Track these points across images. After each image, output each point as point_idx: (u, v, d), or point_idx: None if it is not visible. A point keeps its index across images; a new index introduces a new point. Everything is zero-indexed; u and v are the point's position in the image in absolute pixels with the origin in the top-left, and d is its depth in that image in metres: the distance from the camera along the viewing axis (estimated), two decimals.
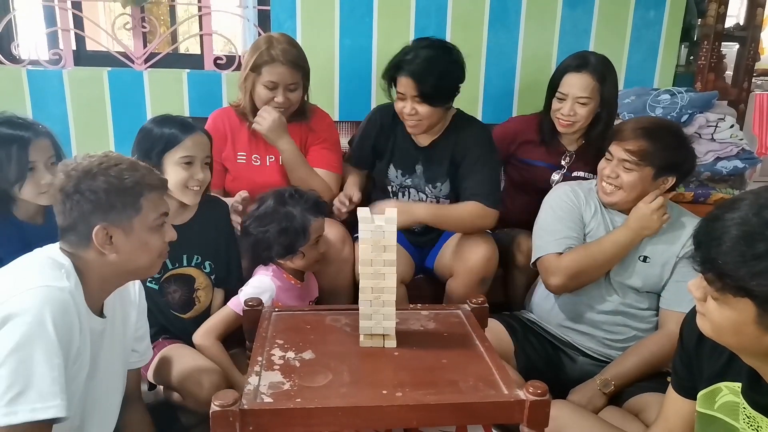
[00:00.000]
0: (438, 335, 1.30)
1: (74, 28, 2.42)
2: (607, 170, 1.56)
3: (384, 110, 1.94)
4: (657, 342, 1.51)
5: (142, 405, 1.40)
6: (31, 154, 1.44)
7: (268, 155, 1.94)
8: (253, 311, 1.38)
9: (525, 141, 2.08)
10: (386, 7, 2.44)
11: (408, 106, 1.74)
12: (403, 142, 1.89)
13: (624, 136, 1.51)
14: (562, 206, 1.64)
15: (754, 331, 0.82)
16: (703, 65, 2.73)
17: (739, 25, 2.98)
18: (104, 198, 1.08)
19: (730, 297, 0.82)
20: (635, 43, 2.62)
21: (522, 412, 1.03)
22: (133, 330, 1.30)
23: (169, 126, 1.55)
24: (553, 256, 1.59)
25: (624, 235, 1.53)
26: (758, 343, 0.83)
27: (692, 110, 2.36)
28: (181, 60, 2.57)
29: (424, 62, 1.70)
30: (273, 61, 1.79)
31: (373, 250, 1.17)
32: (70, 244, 1.11)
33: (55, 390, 0.96)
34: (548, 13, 2.54)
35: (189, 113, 2.40)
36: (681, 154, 1.50)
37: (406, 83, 1.72)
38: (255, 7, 2.45)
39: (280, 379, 1.10)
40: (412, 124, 1.79)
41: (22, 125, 1.46)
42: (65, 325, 1.01)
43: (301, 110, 1.93)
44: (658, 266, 1.56)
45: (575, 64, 1.90)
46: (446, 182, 1.87)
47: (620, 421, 1.36)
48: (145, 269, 1.19)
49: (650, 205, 1.49)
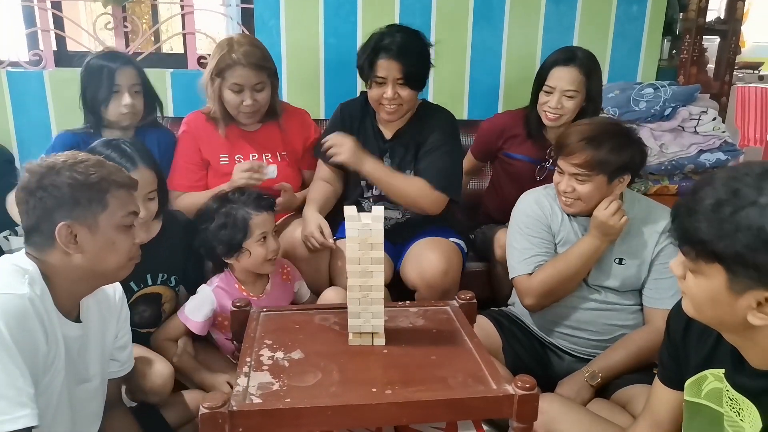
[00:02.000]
0: (427, 332, 1.30)
1: (54, 28, 2.39)
2: (561, 185, 1.53)
3: (349, 107, 1.92)
4: (644, 337, 1.52)
5: (125, 408, 1.38)
6: (117, 79, 1.79)
7: (250, 154, 1.93)
8: (240, 312, 1.38)
9: (511, 136, 2.09)
10: (371, 5, 2.44)
11: (390, 90, 1.72)
12: (371, 136, 1.88)
13: (569, 150, 1.49)
14: (528, 222, 1.62)
15: (727, 298, 0.85)
16: (686, 59, 2.76)
17: (720, 19, 3.01)
18: (68, 194, 1.04)
19: (702, 265, 0.86)
20: (618, 38, 2.64)
21: (511, 407, 1.04)
22: (113, 337, 1.26)
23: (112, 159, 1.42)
24: (524, 277, 1.59)
25: (588, 245, 1.52)
26: (733, 312, 0.86)
27: (675, 103, 2.39)
28: (165, 59, 2.55)
29: (403, 44, 1.69)
30: (235, 64, 1.76)
31: (360, 249, 1.17)
32: (35, 247, 1.07)
33: (23, 400, 0.92)
34: (532, 9, 2.55)
35: (173, 113, 2.38)
36: (628, 153, 1.47)
37: (388, 66, 1.70)
38: (238, 5, 2.44)
39: (270, 380, 1.09)
40: (392, 109, 1.76)
41: (113, 57, 1.84)
42: (24, 332, 0.97)
43: (271, 110, 1.90)
44: (633, 267, 1.56)
45: (563, 57, 1.91)
46: (412, 171, 1.86)
47: (608, 413, 1.37)
48: (113, 271, 1.13)
49: (606, 212, 1.47)
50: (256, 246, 1.58)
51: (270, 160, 1.92)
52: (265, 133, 1.94)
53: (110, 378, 1.28)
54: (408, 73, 1.70)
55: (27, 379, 0.95)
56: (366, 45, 1.75)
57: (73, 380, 1.13)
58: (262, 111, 1.88)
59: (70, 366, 1.10)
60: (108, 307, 1.25)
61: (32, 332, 0.99)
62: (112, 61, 1.82)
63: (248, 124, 1.91)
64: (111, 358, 1.28)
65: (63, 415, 1.10)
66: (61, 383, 1.07)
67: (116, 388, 1.35)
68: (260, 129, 1.94)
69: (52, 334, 1.04)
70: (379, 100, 1.76)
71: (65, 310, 1.09)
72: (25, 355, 0.96)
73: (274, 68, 1.87)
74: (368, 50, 1.72)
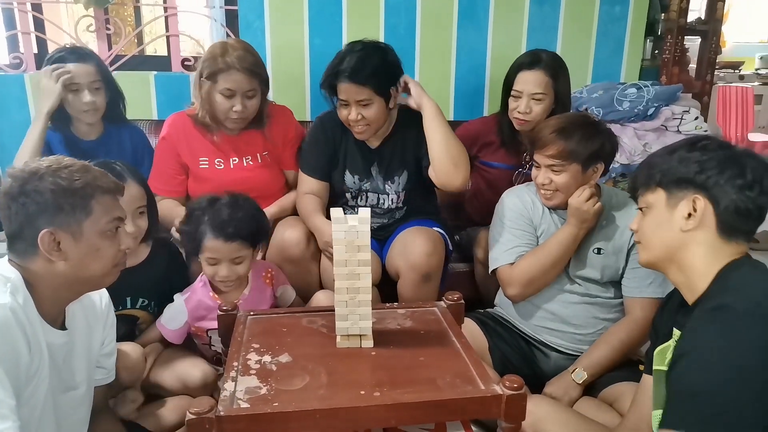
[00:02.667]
0: (415, 333, 1.30)
1: (35, 30, 2.35)
2: (539, 178, 1.60)
3: (328, 119, 1.89)
4: (625, 329, 1.55)
5: (112, 414, 1.37)
6: (75, 77, 1.79)
7: (231, 158, 1.91)
8: (227, 316, 1.37)
9: (485, 143, 2.09)
10: (356, 5, 2.44)
11: (353, 112, 1.72)
12: (354, 148, 1.87)
13: (542, 143, 1.56)
14: (510, 216, 1.68)
15: (667, 216, 1.05)
16: (668, 59, 2.80)
17: (701, 20, 3.05)
18: (51, 200, 1.02)
19: (648, 197, 1.09)
20: (602, 39, 2.66)
21: (499, 407, 1.05)
22: (99, 344, 1.24)
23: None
24: (506, 267, 1.64)
25: (566, 233, 1.57)
26: (672, 230, 1.04)
27: (658, 103, 2.41)
28: (148, 62, 2.53)
29: (359, 63, 1.68)
30: (229, 68, 1.74)
31: (347, 251, 1.17)
32: (18, 253, 1.05)
33: (4, 412, 0.90)
34: (516, 10, 2.57)
35: (157, 116, 2.36)
36: (598, 141, 1.54)
37: (347, 89, 1.70)
38: (222, 7, 2.42)
39: (257, 384, 1.09)
40: (360, 129, 1.76)
41: (72, 52, 1.83)
42: (6, 343, 0.95)
43: (258, 117, 1.88)
44: (612, 256, 1.60)
45: (528, 61, 1.92)
46: (403, 173, 1.86)
47: (595, 412, 1.39)
48: (98, 278, 1.11)
49: (579, 199, 1.53)
50: (205, 264, 1.55)
51: (251, 163, 1.93)
52: (247, 137, 1.92)
53: (96, 385, 1.27)
54: (364, 93, 1.69)
55: (8, 390, 0.93)
56: (328, 67, 1.74)
57: (59, 388, 1.11)
58: (249, 118, 1.86)
59: (55, 374, 1.08)
60: (94, 314, 1.23)
61: (14, 343, 0.97)
62: (69, 57, 1.81)
63: (233, 129, 1.89)
64: (97, 365, 1.27)
65: (48, 424, 1.08)
66: (45, 392, 1.05)
67: (103, 395, 1.33)
68: (242, 133, 1.92)
69: (35, 344, 1.02)
70: (346, 121, 1.76)
71: (50, 318, 1.07)
72: (7, 366, 0.94)
73: (266, 76, 1.85)
74: (328, 73, 1.73)
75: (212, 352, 1.66)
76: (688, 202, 1.02)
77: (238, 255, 1.53)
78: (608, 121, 2.45)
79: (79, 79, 1.81)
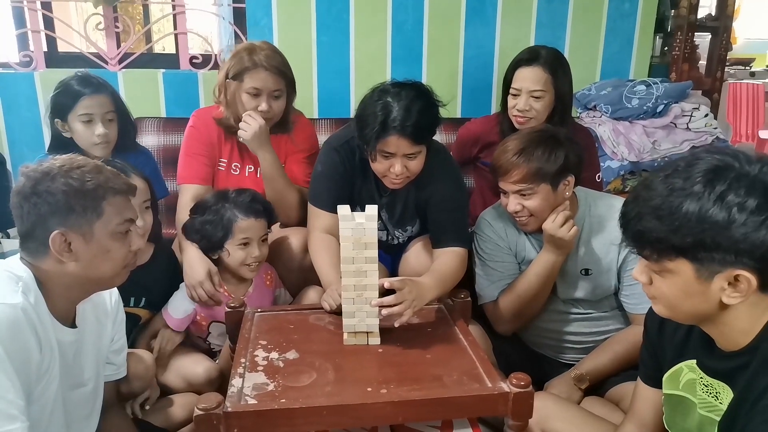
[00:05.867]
0: (421, 331, 1.30)
1: (45, 29, 2.37)
2: (510, 206, 1.50)
3: (344, 151, 1.64)
4: (629, 338, 1.50)
5: (122, 410, 1.38)
6: (87, 108, 1.69)
7: (247, 165, 1.89)
8: (235, 313, 1.37)
9: (487, 143, 2.03)
10: (363, 3, 2.44)
11: (398, 166, 1.50)
12: (364, 189, 1.68)
13: (504, 169, 1.47)
14: (485, 248, 1.63)
15: (699, 287, 0.87)
16: (677, 56, 2.78)
17: (712, 16, 3.02)
18: (63, 201, 1.01)
19: (667, 264, 0.88)
20: (611, 35, 2.65)
21: (506, 405, 1.05)
22: (108, 341, 1.25)
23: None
24: (491, 305, 1.61)
25: (544, 261, 1.49)
26: (707, 300, 0.87)
27: (668, 100, 2.40)
28: (156, 60, 2.54)
29: (414, 118, 1.45)
30: (256, 67, 1.72)
31: (354, 248, 1.17)
32: (29, 252, 1.05)
33: (13, 412, 0.91)
34: (524, 6, 2.56)
35: (165, 113, 2.37)
36: (561, 155, 1.45)
37: (398, 143, 1.46)
38: (230, 5, 2.43)
39: (264, 380, 1.09)
40: (399, 181, 1.55)
41: (86, 81, 1.72)
42: (17, 343, 0.95)
43: (283, 121, 1.85)
44: (601, 275, 1.54)
45: (527, 57, 1.85)
46: (416, 224, 1.76)
47: (601, 411, 1.37)
48: (108, 279, 1.11)
49: (554, 225, 1.44)
50: (235, 248, 1.57)
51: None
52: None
53: (106, 381, 1.28)
54: (418, 147, 1.49)
55: (18, 391, 0.93)
56: (371, 116, 1.46)
57: (68, 385, 1.12)
58: (274, 120, 1.82)
59: (65, 371, 1.09)
60: (104, 311, 1.24)
61: (25, 342, 0.97)
62: (84, 87, 1.71)
63: None
64: (107, 361, 1.28)
65: (57, 421, 1.10)
66: (55, 389, 1.06)
67: (113, 391, 1.35)
68: None
69: (46, 342, 1.03)
70: (384, 173, 1.55)
71: (60, 316, 1.08)
72: (18, 365, 0.94)
73: (293, 78, 1.81)
74: (376, 125, 1.45)
75: (205, 345, 1.67)
76: (728, 275, 0.84)
77: (265, 233, 1.61)
78: (617, 119, 2.44)
79: (92, 110, 1.71)
